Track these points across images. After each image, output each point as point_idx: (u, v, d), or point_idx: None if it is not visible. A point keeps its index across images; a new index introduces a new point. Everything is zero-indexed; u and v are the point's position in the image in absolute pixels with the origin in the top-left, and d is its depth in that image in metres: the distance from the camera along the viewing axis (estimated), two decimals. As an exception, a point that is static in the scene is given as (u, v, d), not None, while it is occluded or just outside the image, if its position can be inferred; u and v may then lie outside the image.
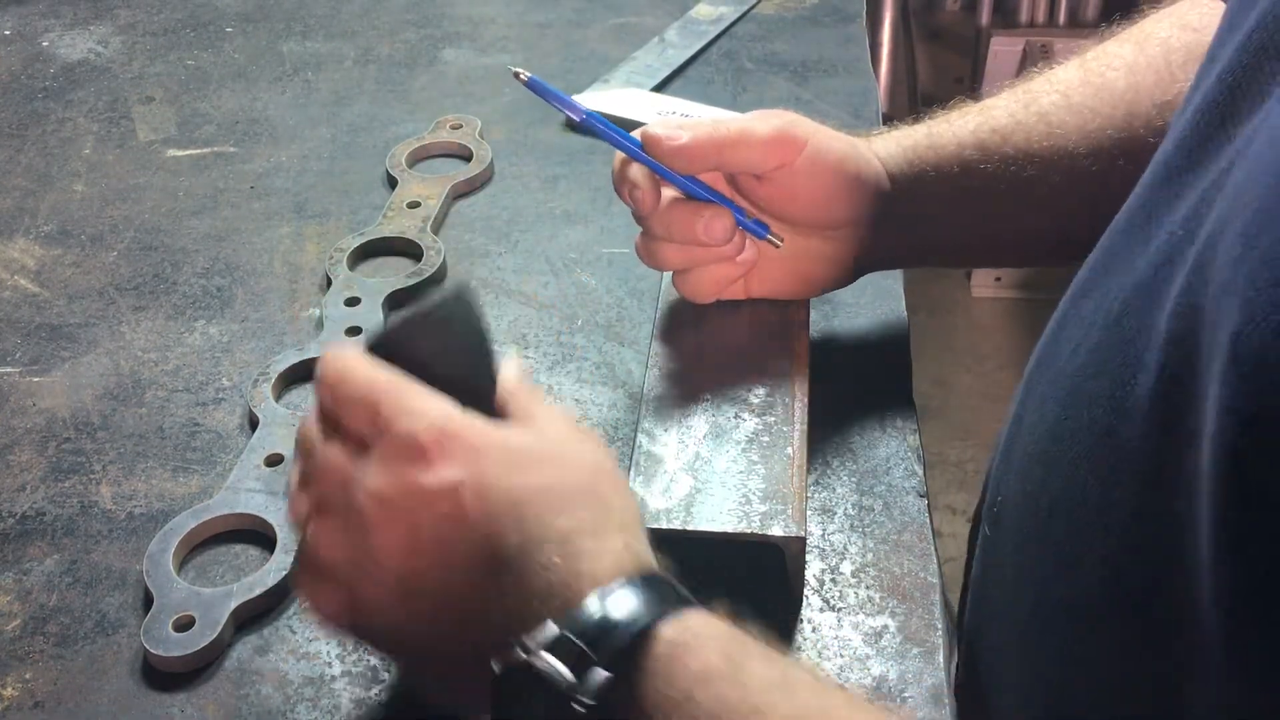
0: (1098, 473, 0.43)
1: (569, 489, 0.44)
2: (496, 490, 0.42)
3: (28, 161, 0.96)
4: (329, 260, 0.81)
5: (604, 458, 0.47)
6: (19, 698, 0.55)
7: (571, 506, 0.43)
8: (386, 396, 0.44)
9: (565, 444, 0.46)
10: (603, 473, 0.46)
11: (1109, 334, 0.44)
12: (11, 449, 0.69)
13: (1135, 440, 0.40)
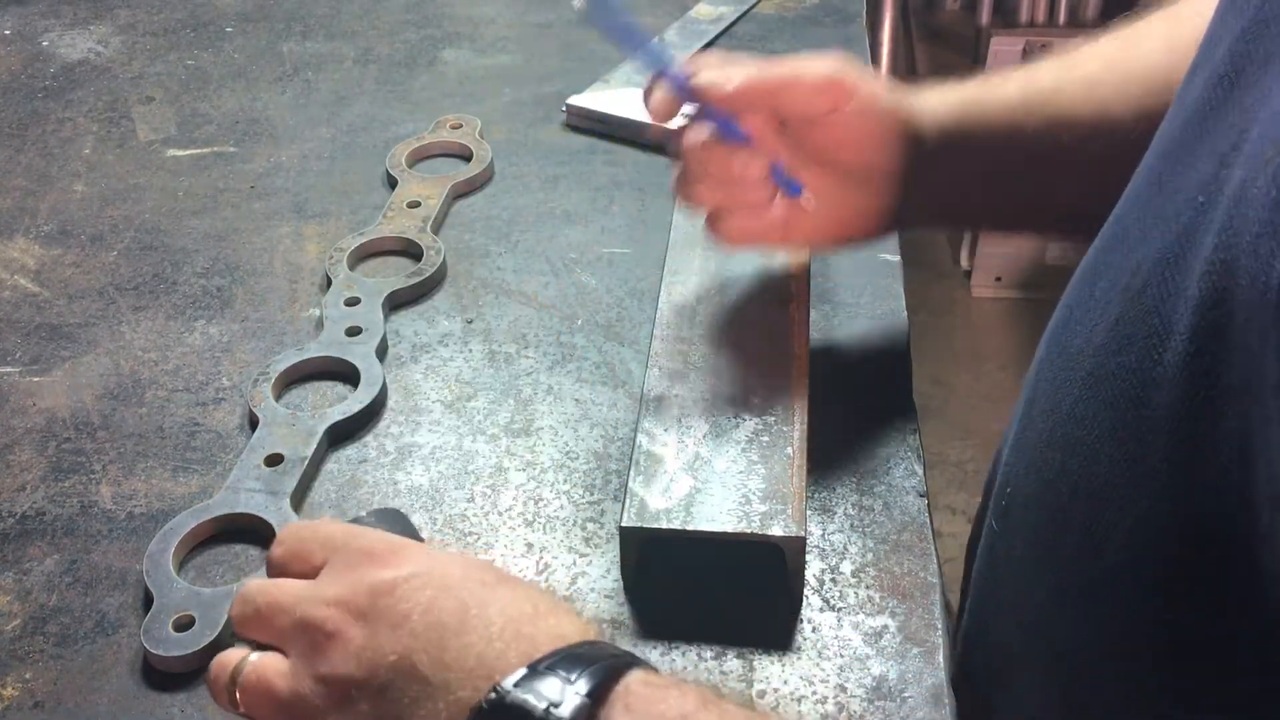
0: (1125, 448, 0.43)
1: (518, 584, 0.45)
2: (449, 577, 0.44)
3: (28, 161, 0.96)
4: (329, 260, 0.81)
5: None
6: (19, 698, 0.55)
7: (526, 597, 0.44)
8: (338, 530, 0.48)
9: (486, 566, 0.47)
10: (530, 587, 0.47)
11: (1131, 307, 0.43)
12: (11, 449, 0.69)
13: (1165, 408, 0.40)
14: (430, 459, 0.67)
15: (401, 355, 0.75)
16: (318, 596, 0.44)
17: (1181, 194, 0.42)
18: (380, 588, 0.43)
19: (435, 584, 0.43)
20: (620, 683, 0.40)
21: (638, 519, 0.56)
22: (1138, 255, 0.45)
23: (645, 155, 0.94)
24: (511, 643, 0.41)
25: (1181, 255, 0.40)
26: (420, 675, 0.41)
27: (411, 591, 0.43)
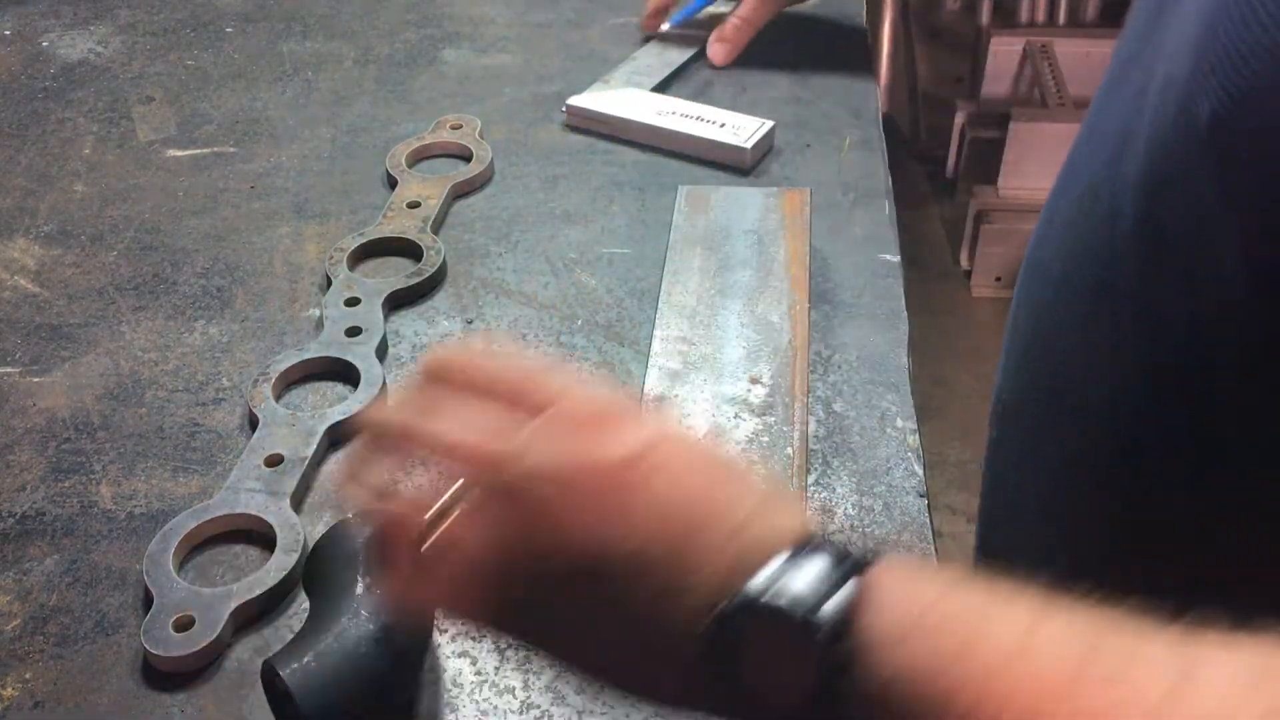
0: (1097, 329, 0.50)
1: (733, 466, 0.40)
2: (681, 460, 0.38)
3: (28, 161, 0.96)
4: (329, 260, 0.81)
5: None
6: (19, 698, 0.55)
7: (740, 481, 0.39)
8: (564, 376, 0.40)
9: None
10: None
11: (1083, 209, 0.51)
12: (11, 449, 0.69)
13: (1125, 280, 0.47)
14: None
15: (401, 355, 0.75)
16: (527, 463, 0.37)
17: (1116, 113, 0.50)
18: (607, 468, 0.37)
19: (666, 470, 0.37)
20: (869, 577, 0.35)
21: (638, 519, 0.56)
22: (1089, 170, 0.52)
23: (645, 155, 0.94)
24: (752, 540, 0.36)
25: (1119, 155, 0.48)
26: (649, 572, 0.36)
27: (645, 476, 0.37)
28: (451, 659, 0.56)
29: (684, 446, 0.39)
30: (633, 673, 0.38)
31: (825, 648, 0.34)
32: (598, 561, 0.36)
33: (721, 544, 0.36)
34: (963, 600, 0.35)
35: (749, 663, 0.35)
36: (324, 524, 0.62)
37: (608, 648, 0.38)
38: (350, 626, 0.50)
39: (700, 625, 0.35)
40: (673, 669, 0.37)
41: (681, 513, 0.37)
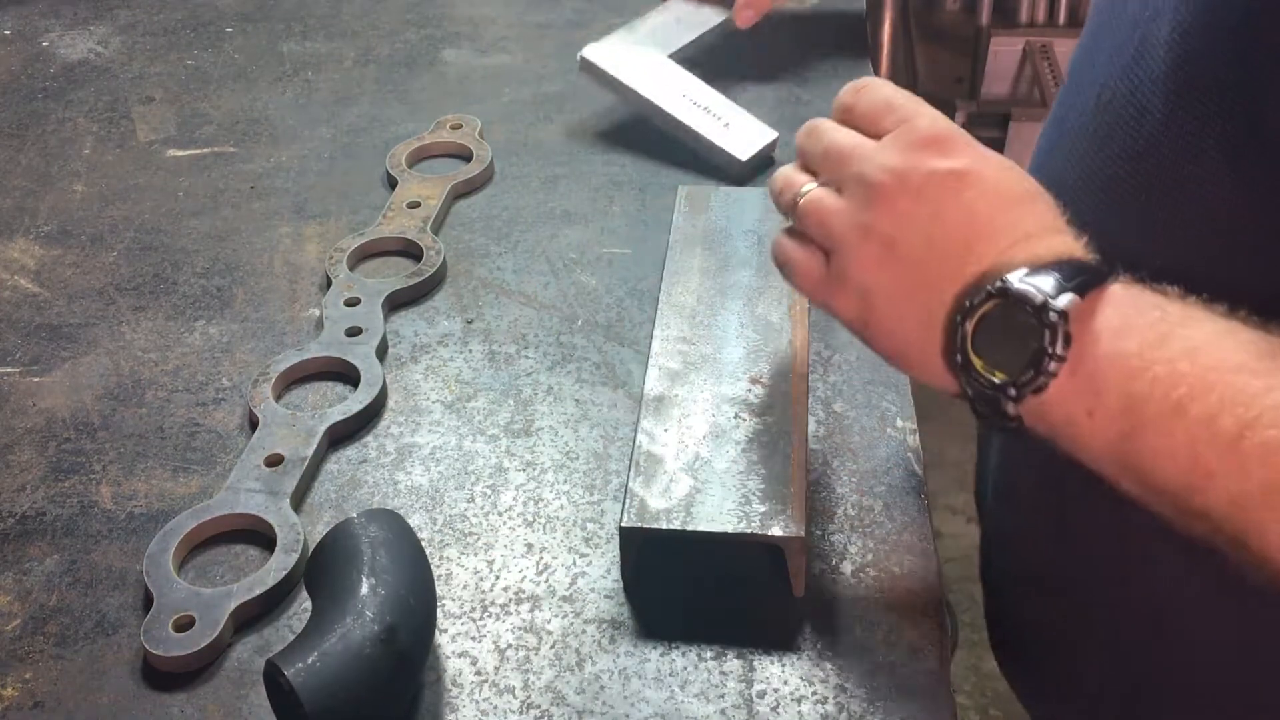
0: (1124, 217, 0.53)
1: (1037, 197, 0.50)
2: (990, 183, 0.49)
3: (28, 161, 0.96)
4: (329, 260, 0.81)
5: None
6: (19, 698, 0.55)
7: (1039, 209, 0.50)
8: (911, 105, 0.53)
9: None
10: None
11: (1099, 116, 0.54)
12: (11, 449, 0.69)
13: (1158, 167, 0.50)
14: (430, 459, 0.67)
15: (401, 355, 0.75)
16: (881, 161, 0.50)
17: (1124, 28, 0.53)
18: (935, 175, 0.49)
19: (977, 187, 0.49)
20: (1106, 287, 0.46)
21: (638, 519, 0.56)
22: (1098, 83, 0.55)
23: (645, 155, 0.94)
24: (1021, 250, 0.47)
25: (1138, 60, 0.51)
26: (947, 260, 0.48)
27: (960, 188, 0.49)
28: (451, 659, 0.56)
29: (996, 173, 0.50)
30: (907, 341, 0.50)
31: (1052, 331, 0.44)
32: (908, 245, 0.49)
33: (1001, 248, 0.47)
34: (1170, 306, 0.45)
35: (989, 338, 0.46)
36: (324, 524, 0.62)
37: (893, 313, 0.50)
38: (354, 627, 0.50)
39: (963, 307, 0.47)
40: (932, 345, 0.48)
41: (979, 220, 0.48)
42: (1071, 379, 0.45)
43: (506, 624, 0.58)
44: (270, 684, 0.51)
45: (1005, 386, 0.46)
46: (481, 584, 0.60)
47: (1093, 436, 0.45)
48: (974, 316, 0.47)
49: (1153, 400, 0.43)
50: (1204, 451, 0.42)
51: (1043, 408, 0.46)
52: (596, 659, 0.56)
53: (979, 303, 0.46)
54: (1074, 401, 0.45)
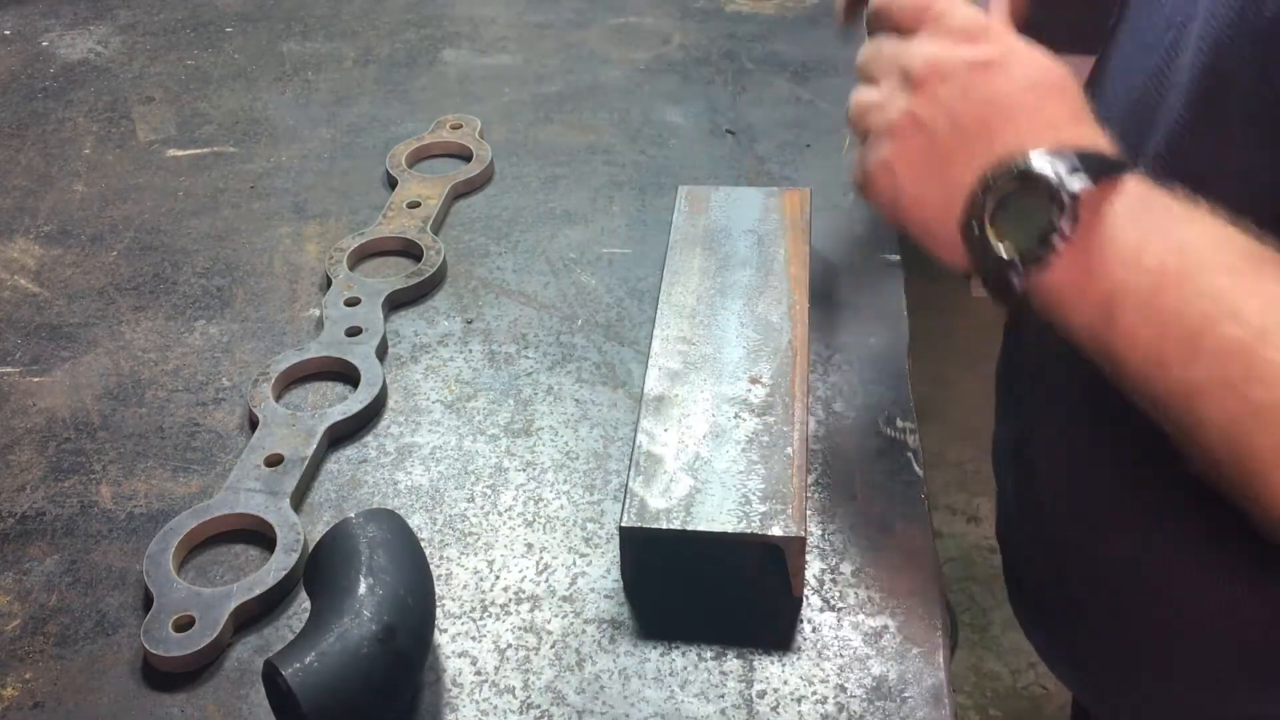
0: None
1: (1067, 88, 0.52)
2: (1018, 73, 0.52)
3: (28, 161, 0.96)
4: (329, 260, 0.81)
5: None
6: (19, 698, 0.55)
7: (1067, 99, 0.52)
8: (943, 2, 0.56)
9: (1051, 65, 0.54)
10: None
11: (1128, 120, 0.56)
12: (11, 449, 0.69)
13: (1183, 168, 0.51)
14: (430, 459, 0.67)
15: (401, 355, 0.75)
16: (915, 52, 0.53)
17: (1152, 37, 0.56)
18: (965, 64, 0.52)
19: (1005, 76, 0.51)
20: (1121, 178, 0.48)
21: (638, 519, 0.56)
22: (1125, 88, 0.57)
23: (645, 155, 0.94)
24: (1045, 135, 0.49)
25: (1165, 67, 0.54)
26: (970, 139, 0.51)
27: (990, 73, 0.51)
28: (451, 659, 0.56)
29: (1027, 63, 0.52)
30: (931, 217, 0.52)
31: (1062, 209, 0.46)
32: (934, 124, 0.52)
33: (1024, 132, 0.49)
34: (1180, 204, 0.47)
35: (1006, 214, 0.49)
36: (324, 524, 0.62)
37: (917, 190, 0.52)
38: (352, 627, 0.50)
39: (984, 181, 0.49)
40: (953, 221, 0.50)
41: (1003, 104, 0.51)
42: (1073, 259, 0.47)
43: (506, 624, 0.58)
44: (269, 684, 0.51)
45: (1013, 260, 0.48)
46: (481, 584, 0.60)
47: (1078, 314, 0.48)
48: (994, 193, 0.49)
49: (1133, 287, 0.46)
50: (1166, 340, 0.45)
51: (1045, 285, 0.48)
52: (596, 659, 0.56)
53: (999, 180, 0.49)
54: (1070, 280, 0.48)
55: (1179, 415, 0.46)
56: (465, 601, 0.59)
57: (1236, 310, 0.44)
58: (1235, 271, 0.45)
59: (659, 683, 0.55)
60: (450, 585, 0.60)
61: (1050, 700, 1.60)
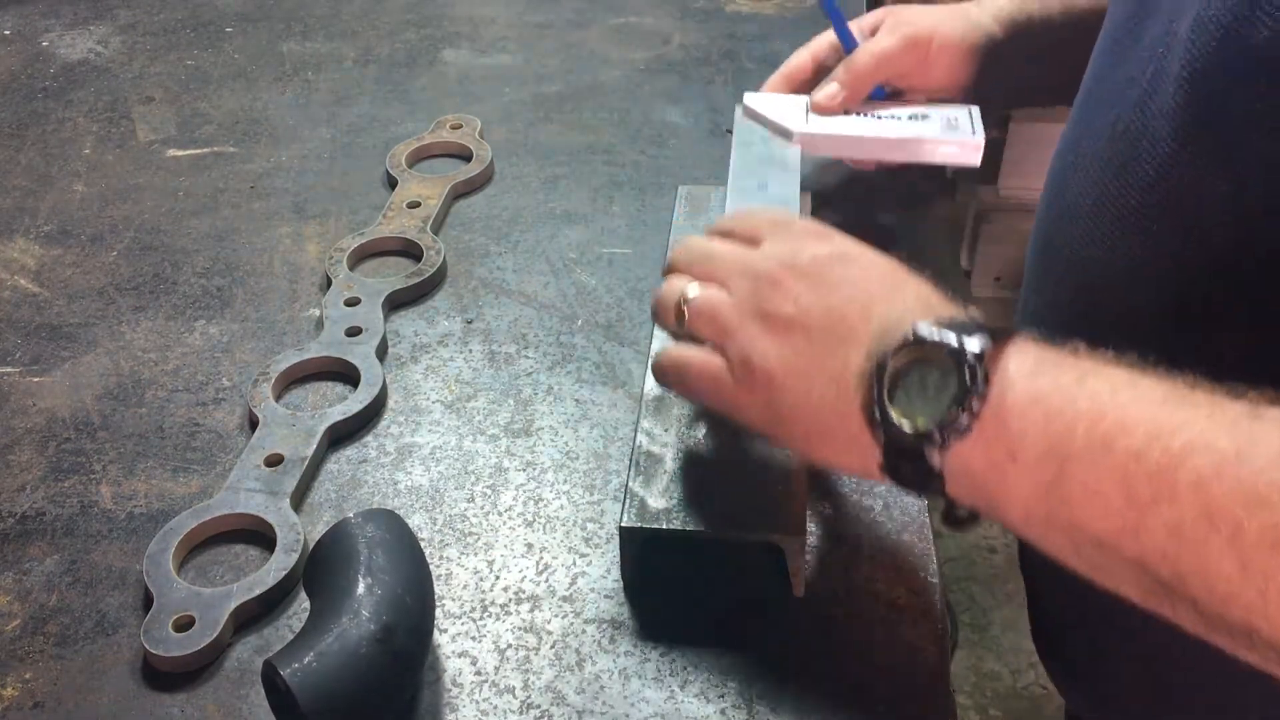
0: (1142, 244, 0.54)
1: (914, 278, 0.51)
2: (876, 263, 0.52)
3: (28, 161, 0.96)
4: (329, 260, 0.81)
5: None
6: (19, 698, 0.55)
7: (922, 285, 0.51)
8: (778, 214, 0.58)
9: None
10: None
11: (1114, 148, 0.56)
12: (11, 449, 0.69)
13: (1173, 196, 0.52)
14: (430, 459, 0.67)
15: (401, 355, 0.75)
16: (763, 254, 0.53)
17: (1135, 62, 0.55)
18: (820, 257, 0.52)
19: (864, 263, 0.51)
20: (1013, 339, 0.45)
21: (637, 519, 0.56)
22: (1111, 114, 0.56)
23: (645, 155, 0.94)
24: (920, 309, 0.48)
25: (1150, 94, 0.53)
26: (848, 324, 0.49)
27: (846, 264, 0.51)
28: (451, 659, 0.56)
29: (878, 257, 0.52)
30: (820, 415, 0.49)
31: (971, 371, 0.44)
32: (806, 317, 0.50)
33: (900, 309, 0.48)
34: (1079, 356, 0.44)
35: (905, 390, 0.46)
36: (324, 524, 0.62)
37: (802, 389, 0.49)
38: (351, 626, 0.50)
39: (875, 359, 0.46)
40: (847, 410, 0.47)
41: (871, 289, 0.50)
42: (993, 421, 0.43)
43: (506, 624, 0.58)
44: (268, 684, 0.51)
45: (929, 433, 0.44)
46: (481, 584, 0.60)
47: (1018, 484, 0.43)
48: (887, 370, 0.46)
49: (1077, 436, 0.42)
50: (1137, 485, 0.40)
51: (966, 459, 0.44)
52: (596, 659, 0.56)
53: (892, 355, 0.46)
54: (996, 446, 0.43)
55: (1171, 564, 0.40)
56: (465, 601, 0.59)
57: (1194, 438, 0.40)
58: (1174, 403, 0.41)
59: (659, 683, 0.55)
60: (450, 585, 0.60)
61: (1050, 700, 1.60)
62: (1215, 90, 0.49)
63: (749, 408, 0.52)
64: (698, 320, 0.53)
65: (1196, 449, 0.39)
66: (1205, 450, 0.39)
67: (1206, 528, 0.39)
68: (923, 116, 0.78)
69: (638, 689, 0.54)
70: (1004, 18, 0.78)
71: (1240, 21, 0.47)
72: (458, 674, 0.55)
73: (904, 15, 0.79)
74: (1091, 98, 0.62)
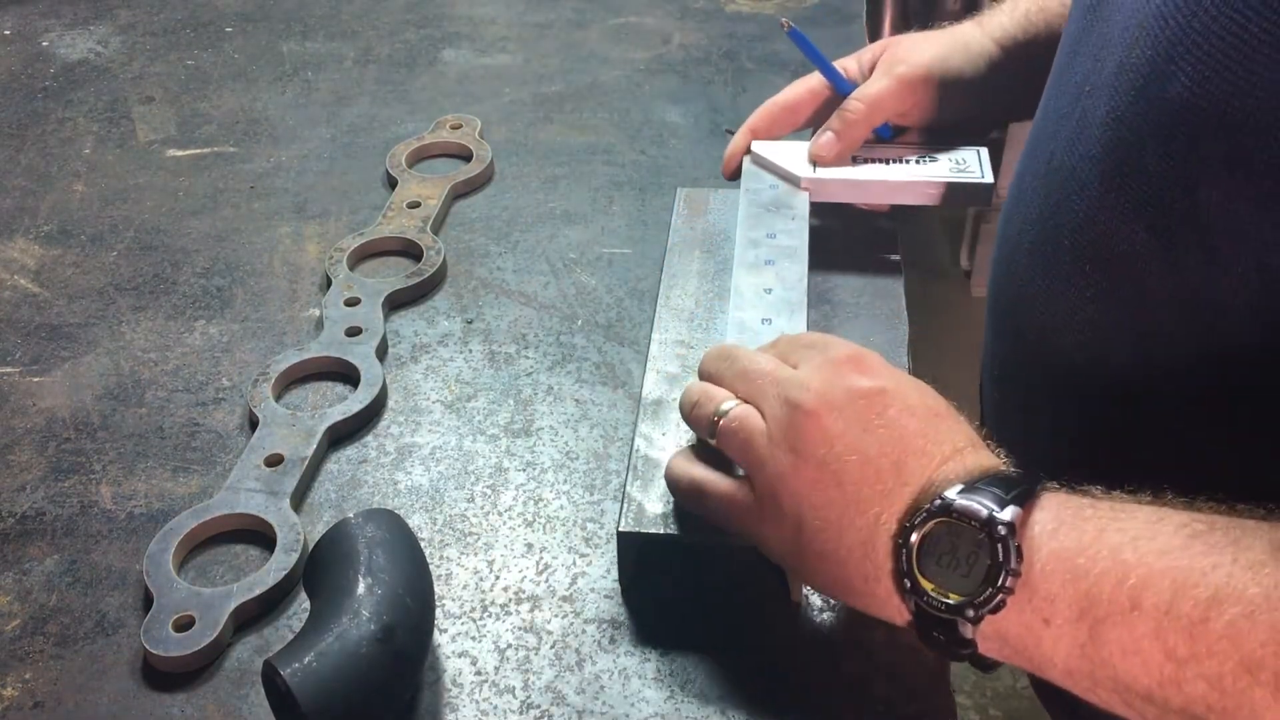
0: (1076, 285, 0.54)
1: (953, 413, 0.51)
2: (912, 400, 0.50)
3: (28, 161, 0.96)
4: (329, 260, 0.81)
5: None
6: (19, 698, 0.55)
7: (959, 424, 0.50)
8: (817, 337, 0.55)
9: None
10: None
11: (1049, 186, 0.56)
12: (11, 449, 0.69)
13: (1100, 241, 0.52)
14: (430, 459, 0.67)
15: (401, 355, 0.75)
16: (801, 381, 0.51)
17: (1068, 98, 0.56)
18: (858, 393, 0.49)
19: (900, 404, 0.49)
20: (1041, 495, 0.46)
21: (635, 524, 0.56)
22: (1047, 151, 0.57)
23: (645, 155, 0.94)
24: (952, 466, 0.47)
25: (1078, 136, 0.53)
26: (881, 478, 0.47)
27: (884, 405, 0.49)
28: (451, 659, 0.56)
29: (915, 391, 0.51)
30: (845, 567, 0.48)
31: (1004, 546, 0.43)
32: (839, 463, 0.48)
33: (933, 464, 0.47)
34: (1097, 503, 0.45)
35: (936, 557, 0.45)
36: (324, 524, 0.62)
37: (830, 537, 0.48)
38: (351, 626, 0.50)
39: (906, 525, 0.46)
40: (872, 568, 0.47)
41: (906, 436, 0.48)
42: (1024, 589, 0.43)
43: (506, 624, 0.58)
44: (268, 684, 0.51)
45: (963, 607, 0.44)
46: (481, 584, 0.60)
47: (1055, 647, 0.43)
48: (917, 537, 0.45)
49: (1105, 595, 0.42)
50: (1172, 640, 0.40)
51: (999, 625, 0.44)
52: (596, 659, 0.56)
53: (921, 522, 0.45)
54: (1028, 612, 0.43)
55: (1206, 716, 0.40)
56: (465, 601, 0.59)
57: (1221, 587, 0.40)
58: (1196, 551, 0.41)
59: (659, 683, 0.55)
60: (450, 585, 0.60)
61: (1050, 700, 1.60)
62: (1135, 140, 0.49)
63: (774, 542, 0.51)
64: (729, 440, 0.52)
65: (1225, 599, 0.39)
66: (1234, 600, 0.39)
67: (1248, 680, 0.39)
68: (930, 159, 0.79)
69: (638, 689, 0.54)
70: (1006, 37, 0.76)
71: (1157, 73, 0.47)
72: (458, 674, 0.55)
73: (900, 52, 0.76)
74: (1036, 129, 0.62)
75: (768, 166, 0.80)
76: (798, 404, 0.50)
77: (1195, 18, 0.45)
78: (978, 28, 0.77)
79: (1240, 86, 0.43)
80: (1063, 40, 0.61)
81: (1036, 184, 0.58)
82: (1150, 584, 0.41)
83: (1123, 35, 0.51)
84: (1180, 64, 0.45)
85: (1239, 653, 0.39)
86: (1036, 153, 0.60)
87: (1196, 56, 0.45)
